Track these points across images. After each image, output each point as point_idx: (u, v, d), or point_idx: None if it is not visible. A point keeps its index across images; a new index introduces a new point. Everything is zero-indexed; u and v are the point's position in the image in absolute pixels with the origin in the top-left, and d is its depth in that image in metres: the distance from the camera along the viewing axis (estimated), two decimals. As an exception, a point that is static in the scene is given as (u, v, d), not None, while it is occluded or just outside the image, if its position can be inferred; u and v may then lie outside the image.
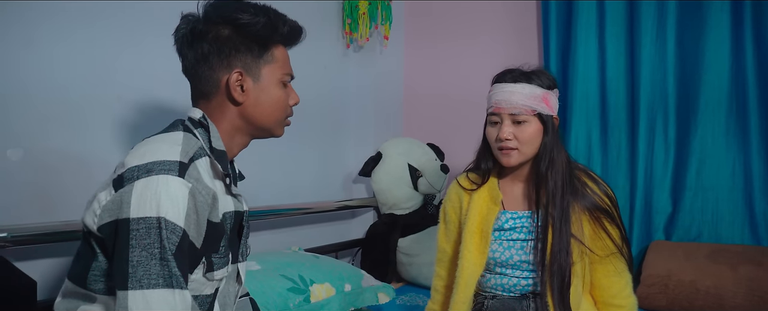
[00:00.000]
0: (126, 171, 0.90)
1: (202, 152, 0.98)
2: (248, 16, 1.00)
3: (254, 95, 1.03)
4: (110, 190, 0.91)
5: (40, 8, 1.36)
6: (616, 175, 2.25)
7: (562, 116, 2.32)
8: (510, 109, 1.32)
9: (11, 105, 1.31)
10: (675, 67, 2.15)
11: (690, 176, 2.13)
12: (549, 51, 2.34)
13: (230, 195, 1.04)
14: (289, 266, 1.58)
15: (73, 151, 1.42)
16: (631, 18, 2.21)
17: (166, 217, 0.86)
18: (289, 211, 2.15)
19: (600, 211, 1.35)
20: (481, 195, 1.42)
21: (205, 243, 0.94)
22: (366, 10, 2.38)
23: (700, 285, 1.86)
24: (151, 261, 0.85)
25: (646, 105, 2.17)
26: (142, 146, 0.95)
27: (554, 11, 2.33)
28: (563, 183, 1.32)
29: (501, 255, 1.39)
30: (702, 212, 2.12)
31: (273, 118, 1.06)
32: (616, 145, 2.26)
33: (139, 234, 0.85)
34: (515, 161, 1.35)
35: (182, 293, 0.87)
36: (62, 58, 1.41)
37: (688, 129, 2.13)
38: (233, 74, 1.01)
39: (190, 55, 1.02)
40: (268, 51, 1.04)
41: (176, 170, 0.89)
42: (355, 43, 2.45)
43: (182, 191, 0.88)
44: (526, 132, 1.32)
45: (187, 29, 1.02)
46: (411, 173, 2.36)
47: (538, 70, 1.37)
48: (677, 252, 2.03)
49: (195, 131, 1.01)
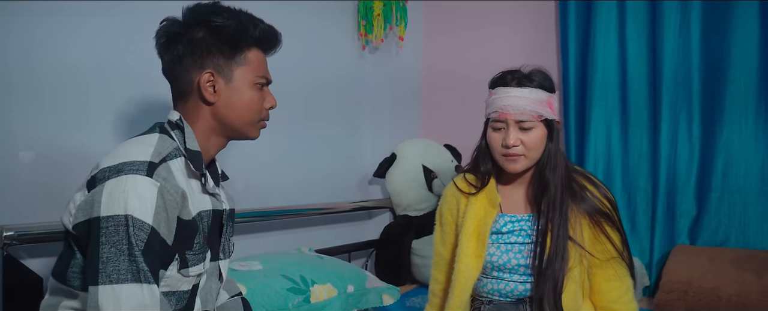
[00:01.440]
0: (98, 172, 0.94)
1: (178, 153, 1.01)
2: (221, 19, 1.03)
3: (226, 96, 1.05)
4: (84, 190, 0.95)
5: (56, 10, 1.43)
6: (637, 176, 2.18)
7: (581, 113, 2.27)
8: (517, 115, 1.28)
9: (25, 109, 1.38)
10: (700, 63, 2.07)
11: (716, 178, 2.04)
12: (568, 49, 2.29)
13: (207, 194, 1.06)
14: (292, 266, 1.60)
15: (82, 154, 1.48)
16: (653, 10, 2.13)
17: (134, 215, 0.89)
18: (304, 211, 2.18)
19: (600, 214, 1.32)
20: (479, 198, 1.40)
21: (177, 240, 0.97)
22: (380, 11, 2.39)
23: (722, 292, 1.77)
24: (120, 257, 0.88)
25: (668, 102, 2.10)
26: (117, 148, 0.99)
27: (573, 6, 2.27)
28: (563, 187, 1.30)
29: (498, 258, 1.36)
30: (729, 216, 2.03)
31: (245, 119, 1.08)
32: (637, 145, 2.18)
33: (109, 232, 0.88)
34: (522, 167, 1.32)
35: (150, 287, 0.89)
36: (74, 62, 1.47)
37: (714, 128, 2.04)
38: (204, 74, 1.04)
39: (167, 57, 1.06)
40: (241, 53, 1.06)
41: (145, 169, 0.92)
42: (370, 44, 2.46)
43: (150, 189, 0.91)
44: (532, 138, 1.30)
45: (164, 32, 1.05)
46: (425, 174, 2.34)
47: (538, 72, 1.34)
48: (701, 257, 1.94)
49: (172, 132, 1.04)
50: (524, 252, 1.34)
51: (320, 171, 2.32)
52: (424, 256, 2.30)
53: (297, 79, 2.15)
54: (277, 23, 1.12)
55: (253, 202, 1.96)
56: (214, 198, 1.08)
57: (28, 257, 1.35)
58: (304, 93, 2.20)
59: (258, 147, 1.91)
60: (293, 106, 2.14)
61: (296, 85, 2.15)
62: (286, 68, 2.09)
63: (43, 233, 1.30)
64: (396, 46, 2.54)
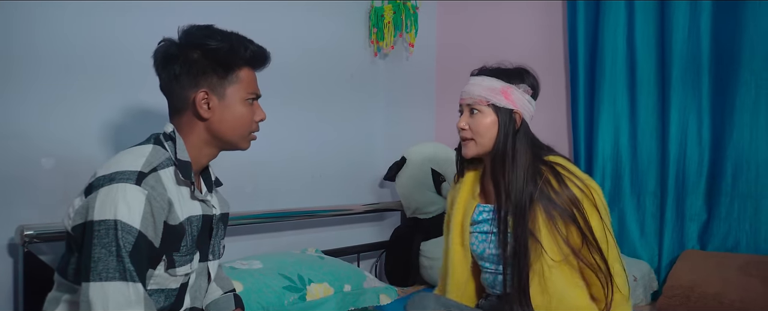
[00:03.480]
0: (94, 180, 1.05)
1: (169, 163, 1.10)
2: (215, 42, 1.12)
3: (219, 112, 1.14)
4: (82, 196, 1.06)
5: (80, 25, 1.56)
6: (646, 180, 2.16)
7: (589, 117, 2.27)
8: (467, 99, 1.37)
9: (47, 119, 1.52)
10: (709, 65, 2.05)
11: (726, 182, 2.01)
12: (577, 55, 2.29)
13: (197, 200, 1.15)
14: (291, 265, 1.68)
15: (100, 161, 1.60)
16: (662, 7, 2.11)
17: (122, 220, 0.99)
18: (316, 213, 2.26)
19: (556, 210, 1.29)
20: (464, 188, 1.46)
21: (164, 243, 1.06)
22: (391, 18, 2.45)
23: (725, 298, 1.75)
24: (109, 258, 0.98)
25: (678, 106, 2.08)
26: (114, 158, 1.09)
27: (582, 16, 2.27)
28: (524, 180, 1.30)
29: (477, 247, 1.42)
30: (739, 221, 2.00)
31: (237, 132, 1.17)
32: (646, 148, 2.17)
33: (100, 234, 0.99)
34: (472, 152, 1.37)
35: (135, 286, 0.99)
36: (89, 81, 1.60)
37: (724, 131, 2.01)
38: (200, 93, 1.13)
39: (164, 75, 1.15)
40: (233, 73, 1.15)
41: (134, 179, 1.02)
42: (381, 51, 2.52)
43: (138, 197, 1.01)
44: (478, 122, 1.35)
45: (161, 53, 1.15)
46: (434, 177, 2.38)
47: (512, 69, 1.38)
48: (708, 263, 1.92)
49: (165, 143, 1.13)
50: (496, 242, 1.37)
51: (333, 174, 2.40)
52: (433, 258, 2.34)
53: (310, 84, 2.24)
54: (290, 30, 1.19)
55: (263, 204, 2.06)
56: (204, 204, 1.17)
57: (48, 253, 1.48)
58: (316, 98, 2.28)
59: (270, 150, 2.02)
60: (306, 110, 2.22)
61: (309, 89, 2.24)
62: (299, 74, 2.19)
63: (59, 232, 1.42)
64: (406, 52, 2.60)
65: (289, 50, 2.11)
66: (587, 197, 1.30)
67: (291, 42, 2.14)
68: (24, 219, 1.45)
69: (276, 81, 1.24)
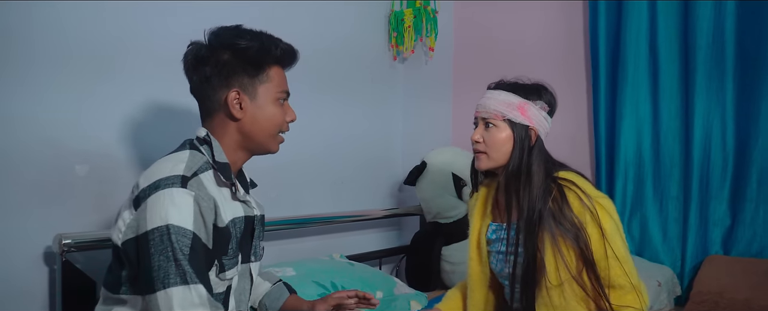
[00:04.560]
0: (140, 192, 1.04)
1: (207, 166, 1.10)
2: (244, 42, 1.11)
3: (251, 112, 1.14)
4: (131, 209, 1.05)
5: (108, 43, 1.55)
6: (668, 185, 2.17)
7: (612, 124, 2.27)
8: (483, 113, 1.36)
9: (81, 127, 1.50)
10: (734, 65, 2.04)
11: (751, 188, 2.01)
12: (598, 60, 2.29)
13: (238, 201, 1.15)
14: (323, 272, 1.67)
15: (132, 167, 1.60)
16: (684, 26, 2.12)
17: (174, 223, 0.98)
18: (337, 218, 2.26)
19: (561, 230, 1.26)
20: (478, 205, 1.47)
21: (214, 246, 1.06)
22: (411, 22, 2.45)
23: (754, 304, 1.76)
24: (168, 263, 0.98)
25: (702, 111, 2.08)
26: (153, 167, 1.08)
27: (603, 18, 2.27)
28: (535, 197, 1.29)
29: (495, 266, 1.42)
30: (764, 226, 2.00)
31: (268, 132, 1.16)
32: (668, 152, 2.17)
33: (155, 242, 0.98)
34: (485, 166, 1.36)
35: (197, 288, 0.99)
36: (122, 88, 1.59)
37: (749, 136, 2.01)
38: (231, 93, 1.12)
39: (195, 78, 1.15)
40: (264, 71, 1.14)
41: (179, 182, 1.02)
42: (400, 55, 2.52)
43: (186, 199, 1.01)
44: (493, 137, 1.34)
45: (192, 55, 1.14)
46: (455, 182, 2.38)
47: (530, 84, 1.37)
48: (734, 268, 1.92)
49: (200, 147, 1.13)
50: (508, 261, 1.36)
51: (354, 179, 2.39)
52: (454, 262, 2.34)
53: (330, 88, 2.23)
54: (311, 35, 1.19)
55: (286, 210, 2.05)
56: (245, 205, 1.17)
57: (83, 261, 1.47)
58: (337, 102, 2.28)
59: (292, 156, 2.01)
60: (326, 114, 2.22)
61: (329, 94, 2.23)
62: (319, 78, 2.19)
63: (96, 240, 1.42)
64: (426, 56, 2.60)
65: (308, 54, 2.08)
66: (593, 221, 1.27)
67: (310, 46, 2.12)
68: (59, 227, 1.43)
69: (295, 85, 1.24)
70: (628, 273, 1.25)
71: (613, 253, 1.25)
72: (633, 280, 1.26)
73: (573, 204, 1.27)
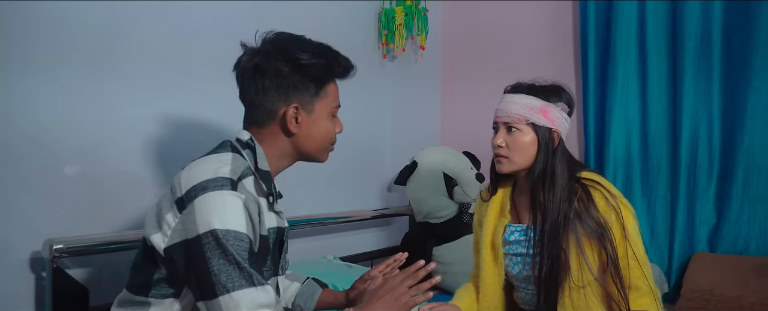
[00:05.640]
0: (185, 193, 0.98)
1: (249, 172, 1.05)
2: (307, 56, 1.07)
3: (307, 127, 1.11)
4: (175, 211, 0.99)
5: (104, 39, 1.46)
6: (656, 184, 2.21)
7: (600, 124, 2.30)
8: (504, 117, 1.35)
9: (69, 126, 1.42)
10: (721, 68, 2.08)
11: (736, 187, 2.06)
12: (587, 60, 2.31)
13: (272, 212, 1.11)
14: (323, 276, 1.61)
15: (124, 167, 1.52)
16: (673, 27, 2.16)
17: (228, 227, 0.94)
18: (326, 220, 2.21)
19: (587, 231, 1.27)
20: (494, 206, 1.45)
21: (257, 254, 1.01)
22: (402, 21, 2.42)
23: (744, 301, 1.80)
24: (230, 267, 0.93)
25: (689, 112, 2.12)
26: (195, 167, 1.02)
27: (593, 17, 2.30)
28: (560, 199, 1.29)
29: (512, 269, 1.41)
30: (749, 225, 2.05)
31: (320, 147, 1.14)
32: (656, 154, 2.21)
33: (211, 247, 0.93)
34: (506, 169, 1.36)
35: (265, 288, 0.95)
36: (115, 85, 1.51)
37: (734, 138, 2.06)
38: (290, 109, 1.08)
39: (250, 87, 1.09)
40: (323, 88, 1.11)
41: (229, 185, 0.97)
42: (390, 53, 2.49)
43: (237, 203, 0.97)
44: (517, 141, 1.33)
45: (249, 63, 1.09)
46: (446, 181, 2.37)
47: (548, 86, 1.37)
48: (722, 266, 1.97)
49: (242, 152, 1.08)
50: (530, 263, 1.35)
51: (343, 179, 2.35)
52: (445, 263, 2.33)
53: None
54: (299, 30, 1.15)
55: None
56: (278, 216, 1.13)
57: (74, 267, 1.38)
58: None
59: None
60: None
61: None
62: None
63: (90, 245, 1.34)
64: (416, 55, 2.58)
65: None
66: (617, 221, 1.28)
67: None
68: (46, 231, 1.35)
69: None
70: (646, 275, 1.26)
71: (634, 254, 1.25)
72: (650, 283, 1.27)
73: (599, 204, 1.28)
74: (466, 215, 2.40)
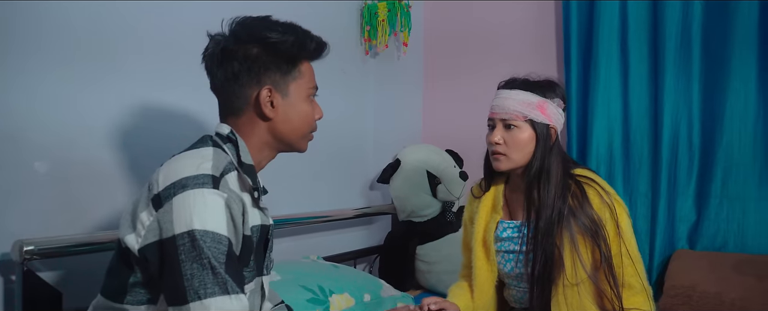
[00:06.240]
0: (162, 190, 0.92)
1: (231, 167, 1.00)
2: (277, 35, 1.02)
3: (283, 111, 1.05)
4: (150, 210, 0.92)
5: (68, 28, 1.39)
6: (637, 182, 2.22)
7: (583, 122, 2.31)
8: (501, 114, 1.33)
9: (38, 119, 1.34)
10: (700, 74, 2.11)
11: (715, 185, 2.09)
12: (570, 57, 2.32)
13: (257, 209, 1.05)
14: (309, 276, 1.59)
15: (97, 162, 1.44)
16: (654, 27, 2.17)
17: (207, 228, 0.88)
18: (308, 219, 2.17)
19: (581, 228, 1.26)
20: (486, 203, 1.43)
21: (240, 255, 0.96)
22: (385, 16, 2.38)
23: (725, 297, 1.82)
24: (204, 272, 0.87)
25: (670, 112, 2.14)
26: (174, 163, 0.97)
27: (575, 16, 2.30)
28: (554, 196, 1.28)
29: (504, 266, 1.39)
30: (727, 222, 2.08)
31: (300, 132, 1.09)
32: (638, 152, 2.22)
33: (186, 249, 0.87)
34: (504, 167, 1.34)
35: (238, 297, 0.89)
36: (85, 73, 1.43)
37: (714, 137, 2.09)
38: (263, 91, 1.03)
39: (220, 74, 1.04)
40: (296, 67, 1.06)
41: (210, 182, 0.92)
42: (373, 50, 2.45)
43: (218, 202, 0.91)
44: (515, 138, 1.31)
45: (216, 49, 1.04)
46: (430, 180, 2.35)
47: (543, 81, 1.36)
48: (702, 262, 1.99)
49: (224, 146, 1.03)
50: (523, 260, 1.34)
51: (324, 178, 2.30)
52: (429, 262, 2.31)
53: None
54: None
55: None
56: (263, 213, 1.07)
57: (46, 269, 1.31)
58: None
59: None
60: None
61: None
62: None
63: (63, 246, 1.27)
64: (399, 51, 2.55)
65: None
66: (612, 218, 1.27)
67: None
68: (15, 231, 1.27)
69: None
70: (639, 274, 1.26)
71: (628, 252, 1.24)
72: (644, 281, 1.26)
73: (593, 201, 1.27)
74: (449, 214, 2.38)
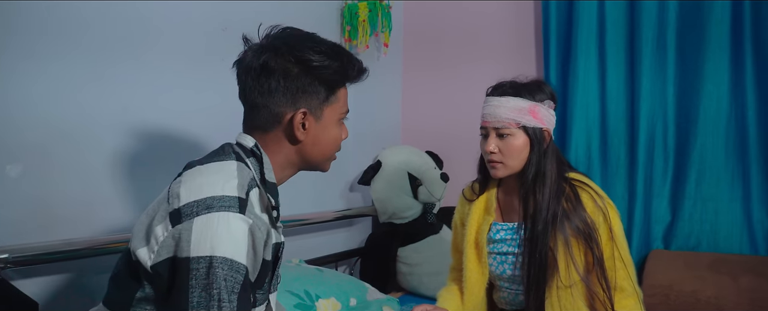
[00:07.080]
0: (183, 206, 0.87)
1: (254, 184, 0.96)
2: (320, 58, 0.98)
3: (314, 134, 1.02)
4: (166, 224, 0.88)
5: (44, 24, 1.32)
6: (614, 184, 2.26)
7: (562, 125, 2.33)
8: (494, 122, 1.32)
9: (10, 119, 1.27)
10: (675, 78, 2.16)
11: (689, 186, 2.15)
12: (549, 61, 2.35)
13: (273, 227, 1.01)
14: (295, 281, 1.56)
15: (73, 165, 1.38)
16: (631, 30, 2.22)
17: (226, 256, 0.84)
18: (288, 222, 2.12)
19: (574, 231, 1.28)
20: (478, 206, 1.43)
21: (256, 281, 0.93)
22: (366, 17, 2.36)
23: (701, 295, 1.87)
24: (210, 302, 0.82)
25: (646, 115, 2.18)
26: (198, 177, 0.92)
27: (554, 18, 2.33)
28: (549, 198, 1.29)
29: (496, 268, 1.39)
30: (701, 222, 2.14)
31: (327, 155, 1.06)
32: (615, 155, 2.26)
33: (200, 275, 0.83)
34: (502, 174, 1.34)
35: None
36: (63, 71, 1.37)
37: (688, 139, 2.15)
38: (298, 114, 1.00)
39: (254, 87, 0.99)
40: (334, 94, 1.03)
41: (236, 206, 0.87)
42: (354, 50, 2.43)
43: (243, 228, 0.87)
44: (510, 146, 1.31)
45: (255, 62, 0.99)
46: (411, 181, 2.34)
47: (531, 83, 1.36)
48: (677, 262, 2.04)
49: (247, 160, 0.98)
50: (516, 263, 1.35)
51: (302, 180, 2.26)
52: (410, 263, 2.30)
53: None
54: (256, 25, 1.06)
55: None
56: (277, 231, 1.03)
57: (20, 278, 1.24)
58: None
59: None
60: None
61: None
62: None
63: (39, 254, 1.21)
64: (379, 52, 2.53)
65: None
66: (605, 223, 1.29)
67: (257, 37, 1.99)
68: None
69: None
70: (630, 277, 1.27)
71: (620, 255, 1.26)
72: (635, 285, 1.28)
73: (587, 205, 1.27)
74: (430, 216, 2.38)
